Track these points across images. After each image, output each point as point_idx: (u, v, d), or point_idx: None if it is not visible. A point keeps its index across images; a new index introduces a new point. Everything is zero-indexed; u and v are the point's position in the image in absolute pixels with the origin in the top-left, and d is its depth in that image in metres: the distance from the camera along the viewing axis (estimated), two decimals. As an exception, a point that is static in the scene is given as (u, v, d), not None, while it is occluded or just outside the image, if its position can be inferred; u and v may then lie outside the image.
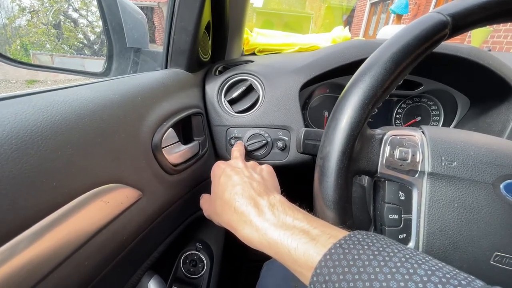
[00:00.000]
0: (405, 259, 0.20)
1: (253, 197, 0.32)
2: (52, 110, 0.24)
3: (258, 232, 0.28)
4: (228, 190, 0.34)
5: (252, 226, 0.29)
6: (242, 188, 0.33)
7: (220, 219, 0.35)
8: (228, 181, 0.36)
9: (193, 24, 0.50)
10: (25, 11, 1.43)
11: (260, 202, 0.31)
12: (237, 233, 0.31)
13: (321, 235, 0.25)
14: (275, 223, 0.28)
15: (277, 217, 0.29)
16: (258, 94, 0.56)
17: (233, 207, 0.32)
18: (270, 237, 0.27)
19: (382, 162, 0.32)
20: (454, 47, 0.52)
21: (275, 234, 0.27)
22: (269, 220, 0.29)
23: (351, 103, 0.30)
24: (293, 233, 0.26)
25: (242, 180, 0.35)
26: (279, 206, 0.30)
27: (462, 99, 0.62)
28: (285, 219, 0.28)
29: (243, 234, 0.30)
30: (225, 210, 0.33)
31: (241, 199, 0.32)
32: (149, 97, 0.39)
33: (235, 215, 0.32)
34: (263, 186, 0.35)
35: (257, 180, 0.36)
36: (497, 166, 0.30)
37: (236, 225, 0.31)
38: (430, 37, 0.29)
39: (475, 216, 0.29)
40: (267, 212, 0.30)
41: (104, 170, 0.28)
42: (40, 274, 0.20)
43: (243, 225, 0.30)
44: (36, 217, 0.20)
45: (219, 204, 0.35)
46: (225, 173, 0.37)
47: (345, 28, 0.91)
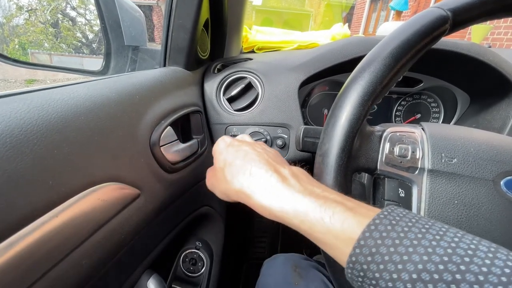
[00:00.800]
0: (461, 235, 0.18)
1: (272, 164, 0.28)
2: (48, 108, 0.24)
3: (280, 198, 0.25)
4: (241, 157, 0.30)
5: (272, 192, 0.26)
6: (258, 156, 0.30)
7: (228, 187, 0.30)
8: (239, 150, 0.31)
9: (191, 22, 0.50)
10: (23, 10, 1.43)
11: (281, 169, 0.28)
12: (251, 200, 0.27)
13: (358, 207, 0.22)
14: (301, 190, 0.25)
15: (303, 185, 0.26)
16: (257, 92, 0.56)
17: (249, 171, 0.28)
18: (298, 204, 0.24)
19: (382, 159, 0.32)
20: (454, 43, 0.52)
21: (304, 201, 0.24)
22: (295, 186, 0.25)
23: (350, 100, 0.29)
24: (326, 202, 0.23)
25: (256, 150, 0.31)
26: (303, 176, 0.27)
27: (462, 96, 0.62)
28: (313, 189, 0.25)
29: (260, 201, 0.26)
30: (238, 175, 0.29)
31: (258, 164, 0.28)
32: (147, 95, 0.39)
33: (251, 178, 0.28)
34: (279, 159, 0.31)
35: (272, 153, 0.32)
36: (497, 162, 0.29)
37: (251, 191, 0.27)
38: (430, 33, 0.29)
39: (475, 213, 0.29)
40: (291, 180, 0.26)
41: (101, 169, 0.28)
42: (36, 273, 0.20)
43: (261, 191, 0.26)
44: (32, 216, 0.20)
45: (228, 171, 0.30)
46: (232, 145, 0.33)
47: (345, 25, 0.91)
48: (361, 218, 0.21)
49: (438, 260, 0.17)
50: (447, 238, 0.18)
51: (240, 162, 0.30)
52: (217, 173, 0.33)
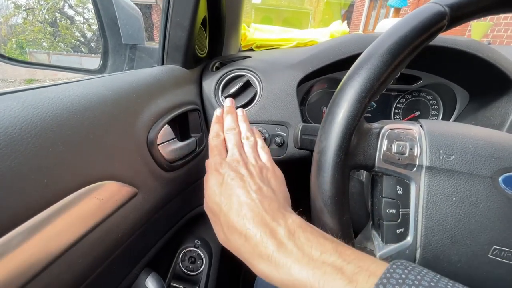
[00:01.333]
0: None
1: (267, 223, 0.27)
2: (43, 107, 0.24)
3: (279, 269, 0.24)
4: (234, 209, 0.29)
5: (270, 261, 0.24)
6: (251, 210, 0.28)
7: (226, 243, 0.30)
8: (232, 195, 0.30)
9: (188, 20, 0.50)
10: (21, 9, 1.42)
11: (277, 230, 0.26)
12: (251, 266, 0.26)
13: (358, 273, 0.21)
14: (299, 259, 0.23)
15: (300, 249, 0.24)
16: (256, 90, 0.56)
17: (244, 236, 0.27)
18: (296, 277, 0.23)
19: (380, 156, 0.32)
20: (453, 40, 0.52)
21: (302, 273, 0.23)
22: (292, 254, 0.24)
23: (347, 97, 0.29)
24: (325, 273, 0.22)
25: (250, 197, 0.29)
26: (299, 233, 0.26)
27: (461, 93, 0.62)
28: (311, 252, 0.24)
29: (259, 269, 0.25)
30: (233, 236, 0.28)
31: (252, 227, 0.27)
32: (144, 93, 0.39)
33: (247, 245, 0.26)
34: (275, 204, 0.29)
35: (267, 195, 0.30)
36: (495, 159, 0.29)
37: (250, 259, 0.26)
38: (427, 28, 0.28)
39: (474, 210, 0.29)
40: (288, 244, 0.25)
41: (98, 167, 0.27)
42: (31, 273, 0.20)
43: (259, 260, 0.25)
44: (26, 215, 0.20)
45: (224, 223, 0.29)
46: (226, 183, 0.31)
47: (343, 22, 0.91)
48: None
49: None
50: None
51: (233, 217, 0.28)
52: (212, 213, 0.32)
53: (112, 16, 0.56)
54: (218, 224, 0.30)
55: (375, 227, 0.35)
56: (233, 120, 0.41)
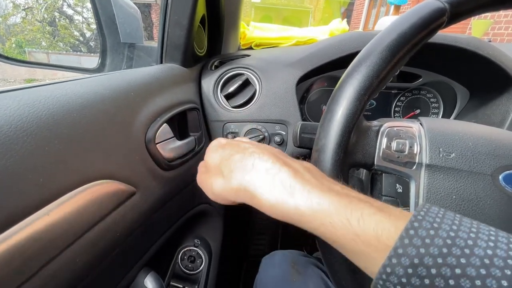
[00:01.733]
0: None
1: (279, 157, 0.24)
2: (39, 105, 0.24)
3: (295, 196, 0.20)
4: (240, 152, 0.25)
5: (283, 188, 0.21)
6: (261, 149, 0.25)
7: (224, 185, 0.25)
8: (236, 146, 0.27)
9: (187, 18, 0.50)
10: (20, 9, 1.42)
11: (291, 162, 0.23)
12: (255, 198, 0.22)
13: (388, 208, 0.19)
14: (319, 186, 0.21)
15: (319, 181, 0.21)
16: (255, 89, 0.56)
17: (250, 165, 0.23)
18: (316, 203, 0.20)
19: (379, 154, 0.32)
20: (453, 37, 0.51)
21: (324, 200, 0.20)
22: (310, 182, 0.21)
23: (346, 94, 0.29)
24: (351, 201, 0.19)
25: (257, 145, 0.27)
26: (316, 172, 0.23)
27: (462, 91, 0.62)
28: (330, 185, 0.21)
29: (268, 199, 0.22)
30: (236, 171, 0.24)
31: (263, 156, 0.24)
32: (142, 92, 0.39)
33: (253, 174, 0.23)
34: (286, 155, 0.27)
35: (276, 149, 0.28)
36: (496, 157, 0.29)
37: (256, 187, 0.22)
38: (427, 25, 0.28)
39: (474, 208, 0.28)
40: (305, 173, 0.22)
41: (95, 166, 0.27)
42: (28, 271, 0.20)
43: (269, 187, 0.22)
44: (22, 214, 0.20)
45: (225, 165, 0.25)
46: (229, 143, 0.29)
47: (343, 20, 0.90)
48: (397, 221, 0.18)
49: (503, 265, 0.14)
50: (501, 244, 0.15)
51: (239, 156, 0.25)
52: (210, 168, 0.28)
53: (110, 14, 0.56)
54: (215, 173, 0.27)
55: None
56: None
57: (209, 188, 0.27)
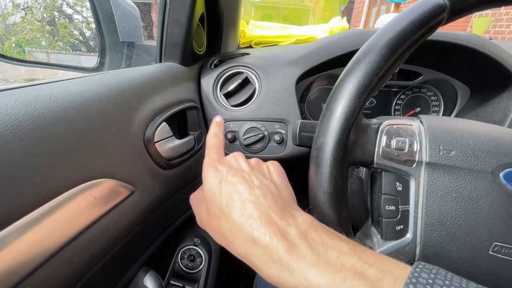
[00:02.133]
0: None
1: (275, 223, 0.24)
2: (36, 104, 0.24)
3: (293, 274, 0.21)
4: (237, 209, 0.26)
5: (282, 265, 0.22)
6: (257, 208, 0.25)
7: (230, 247, 0.27)
8: (233, 193, 0.27)
9: (185, 16, 0.49)
10: (19, 8, 1.42)
11: (287, 230, 0.24)
12: (259, 271, 0.24)
13: (382, 279, 0.19)
14: (315, 262, 0.21)
15: (315, 251, 0.22)
16: (254, 87, 0.55)
17: (251, 238, 0.24)
18: (313, 282, 0.20)
19: (379, 153, 0.32)
20: (454, 34, 0.51)
21: (320, 278, 0.20)
22: (306, 257, 0.22)
23: (345, 92, 0.29)
24: (346, 278, 0.20)
25: (253, 193, 0.27)
26: (312, 233, 0.24)
27: (462, 89, 0.61)
28: (327, 254, 0.22)
29: (270, 274, 0.23)
30: (238, 239, 0.25)
31: (260, 227, 0.24)
32: (141, 91, 0.38)
33: (254, 248, 0.24)
34: (281, 201, 0.27)
35: (271, 191, 0.28)
36: (496, 154, 0.29)
37: (259, 263, 0.24)
38: (427, 22, 0.28)
39: (474, 206, 0.28)
40: (301, 245, 0.23)
41: (93, 165, 0.27)
42: (24, 271, 0.20)
43: (269, 264, 0.23)
44: (19, 213, 0.20)
45: (225, 226, 0.26)
46: (226, 181, 0.28)
47: (343, 18, 0.90)
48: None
49: None
50: None
51: (238, 218, 0.26)
52: (212, 221, 0.29)
53: (108, 13, 0.56)
54: (219, 231, 0.28)
55: (375, 224, 0.35)
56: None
57: (216, 239, 0.29)
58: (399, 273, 0.20)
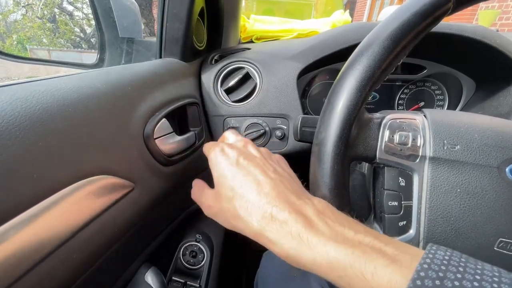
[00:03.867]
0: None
1: (293, 202, 0.25)
2: (32, 100, 0.23)
3: (312, 248, 0.22)
4: (253, 189, 0.26)
5: (301, 240, 0.23)
6: (274, 188, 0.26)
7: (244, 226, 0.26)
8: (248, 175, 0.27)
9: (185, 11, 0.49)
10: (20, 5, 1.41)
11: (305, 208, 0.25)
12: (275, 247, 0.24)
13: (400, 255, 0.20)
14: (334, 237, 0.22)
15: (333, 229, 0.23)
16: (255, 82, 0.55)
17: (269, 214, 0.24)
18: (332, 255, 0.21)
19: (381, 147, 0.31)
20: (459, 26, 0.50)
21: (339, 252, 0.21)
22: (325, 233, 0.22)
23: (347, 86, 0.28)
24: (365, 252, 0.20)
25: (269, 176, 0.27)
26: (329, 213, 0.24)
27: (468, 82, 0.60)
28: (344, 232, 0.23)
29: (287, 249, 0.23)
30: (255, 217, 0.25)
31: (279, 203, 0.25)
32: (140, 86, 0.38)
33: (272, 224, 0.24)
34: (296, 186, 0.28)
35: (285, 176, 0.29)
36: (502, 148, 0.28)
37: (276, 237, 0.24)
38: (432, 12, 0.27)
39: (479, 201, 0.28)
40: (318, 222, 0.23)
41: (92, 161, 0.27)
42: (23, 268, 0.20)
43: (287, 238, 0.23)
44: (16, 210, 0.20)
45: (240, 205, 0.26)
46: (238, 163, 0.28)
47: (346, 12, 0.88)
48: (408, 272, 0.18)
49: None
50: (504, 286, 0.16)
51: (254, 196, 0.26)
52: (223, 203, 0.28)
53: (106, 7, 0.55)
54: (232, 211, 0.27)
55: (377, 220, 0.34)
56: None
57: (224, 221, 0.29)
58: (414, 252, 0.20)
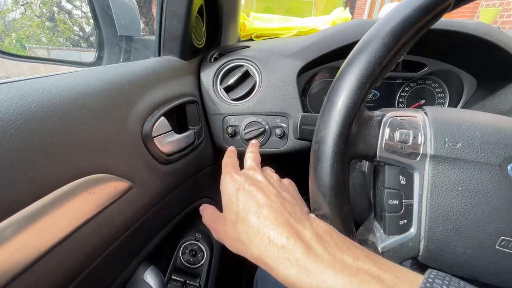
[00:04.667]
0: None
1: (292, 225, 0.25)
2: (28, 98, 0.23)
3: (309, 275, 0.22)
4: (253, 212, 0.27)
5: (299, 266, 0.23)
6: (273, 212, 0.27)
7: (245, 251, 0.27)
8: (250, 199, 0.28)
9: (184, 8, 0.48)
10: (18, 4, 1.41)
11: (303, 232, 0.25)
12: (274, 272, 0.24)
13: (398, 284, 0.20)
14: (332, 264, 0.22)
15: (331, 254, 0.23)
16: (255, 80, 0.54)
17: (267, 238, 0.25)
18: (330, 284, 0.21)
19: (381, 145, 0.31)
20: (460, 23, 0.49)
21: (337, 280, 0.21)
22: (323, 259, 0.22)
23: (347, 83, 0.28)
24: (363, 281, 0.20)
25: (270, 199, 0.28)
26: (328, 237, 0.24)
27: (469, 80, 0.60)
28: (343, 257, 0.22)
29: (285, 275, 0.23)
30: (254, 241, 0.26)
31: (276, 227, 0.25)
32: (138, 85, 0.38)
33: (270, 249, 0.24)
34: (297, 208, 0.28)
35: (288, 199, 0.30)
36: (504, 146, 0.28)
37: (274, 263, 0.24)
38: (432, 8, 0.27)
39: (481, 199, 0.27)
40: (317, 247, 0.23)
41: (88, 160, 0.27)
42: (18, 268, 0.19)
43: (285, 264, 0.23)
44: (10, 210, 0.19)
45: (242, 229, 0.27)
46: (243, 188, 0.30)
47: (346, 9, 0.88)
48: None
49: None
50: None
51: (254, 220, 0.27)
52: (228, 227, 0.30)
53: (104, 5, 0.55)
54: (234, 235, 0.28)
55: (378, 219, 0.34)
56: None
57: (230, 246, 0.30)
58: (413, 279, 0.20)
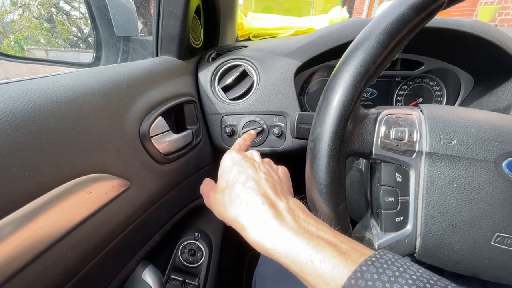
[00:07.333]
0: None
1: (269, 197, 0.28)
2: (24, 98, 0.23)
3: (274, 236, 0.25)
4: (241, 182, 0.30)
5: (266, 227, 0.25)
6: (257, 184, 0.29)
7: (225, 212, 0.30)
8: (242, 172, 0.32)
9: (181, 8, 0.48)
10: (16, 5, 1.41)
11: (278, 203, 0.28)
12: (245, 232, 0.27)
13: (351, 251, 0.22)
14: (295, 229, 0.24)
15: (298, 223, 0.25)
16: (253, 80, 0.54)
17: (245, 203, 0.28)
18: (290, 243, 0.23)
19: (377, 143, 0.31)
20: (456, 21, 0.49)
21: (296, 241, 0.23)
22: (289, 224, 0.25)
23: (342, 81, 0.28)
24: (319, 244, 0.22)
25: (258, 175, 0.31)
26: (299, 212, 0.27)
27: (466, 78, 0.60)
28: (308, 227, 0.25)
29: (253, 235, 0.26)
30: (234, 203, 0.29)
31: (255, 195, 0.28)
32: (135, 85, 0.38)
33: (245, 211, 0.28)
34: (279, 187, 0.31)
35: (274, 178, 0.32)
36: (499, 143, 0.28)
37: (246, 224, 0.27)
38: (427, 6, 0.27)
39: (476, 196, 0.28)
40: (286, 216, 0.26)
41: (86, 160, 0.27)
42: (15, 267, 0.19)
43: (256, 225, 0.26)
44: (8, 208, 0.20)
45: (227, 194, 0.30)
46: (239, 163, 0.33)
47: (344, 8, 0.88)
48: (352, 264, 0.20)
49: None
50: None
51: (239, 188, 0.30)
52: (217, 193, 0.33)
53: (101, 5, 0.55)
54: (220, 200, 0.31)
55: (374, 216, 0.34)
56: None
57: (215, 211, 0.33)
58: (365, 251, 0.22)
